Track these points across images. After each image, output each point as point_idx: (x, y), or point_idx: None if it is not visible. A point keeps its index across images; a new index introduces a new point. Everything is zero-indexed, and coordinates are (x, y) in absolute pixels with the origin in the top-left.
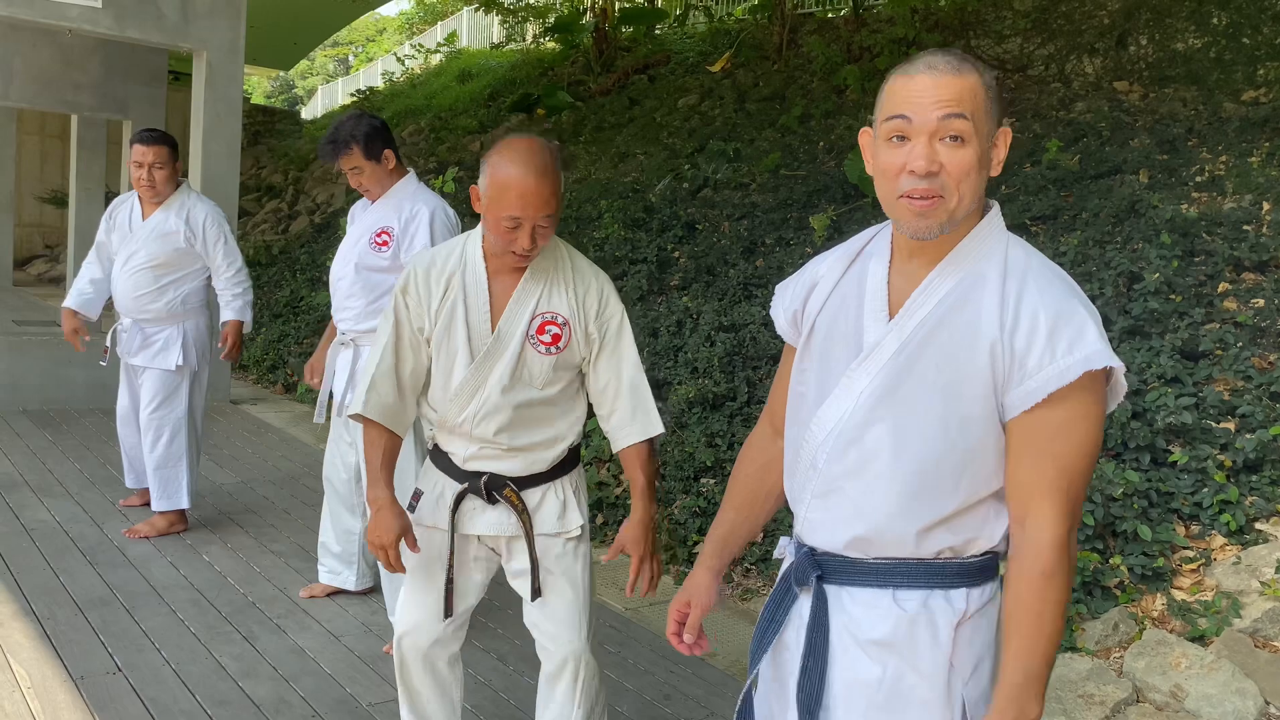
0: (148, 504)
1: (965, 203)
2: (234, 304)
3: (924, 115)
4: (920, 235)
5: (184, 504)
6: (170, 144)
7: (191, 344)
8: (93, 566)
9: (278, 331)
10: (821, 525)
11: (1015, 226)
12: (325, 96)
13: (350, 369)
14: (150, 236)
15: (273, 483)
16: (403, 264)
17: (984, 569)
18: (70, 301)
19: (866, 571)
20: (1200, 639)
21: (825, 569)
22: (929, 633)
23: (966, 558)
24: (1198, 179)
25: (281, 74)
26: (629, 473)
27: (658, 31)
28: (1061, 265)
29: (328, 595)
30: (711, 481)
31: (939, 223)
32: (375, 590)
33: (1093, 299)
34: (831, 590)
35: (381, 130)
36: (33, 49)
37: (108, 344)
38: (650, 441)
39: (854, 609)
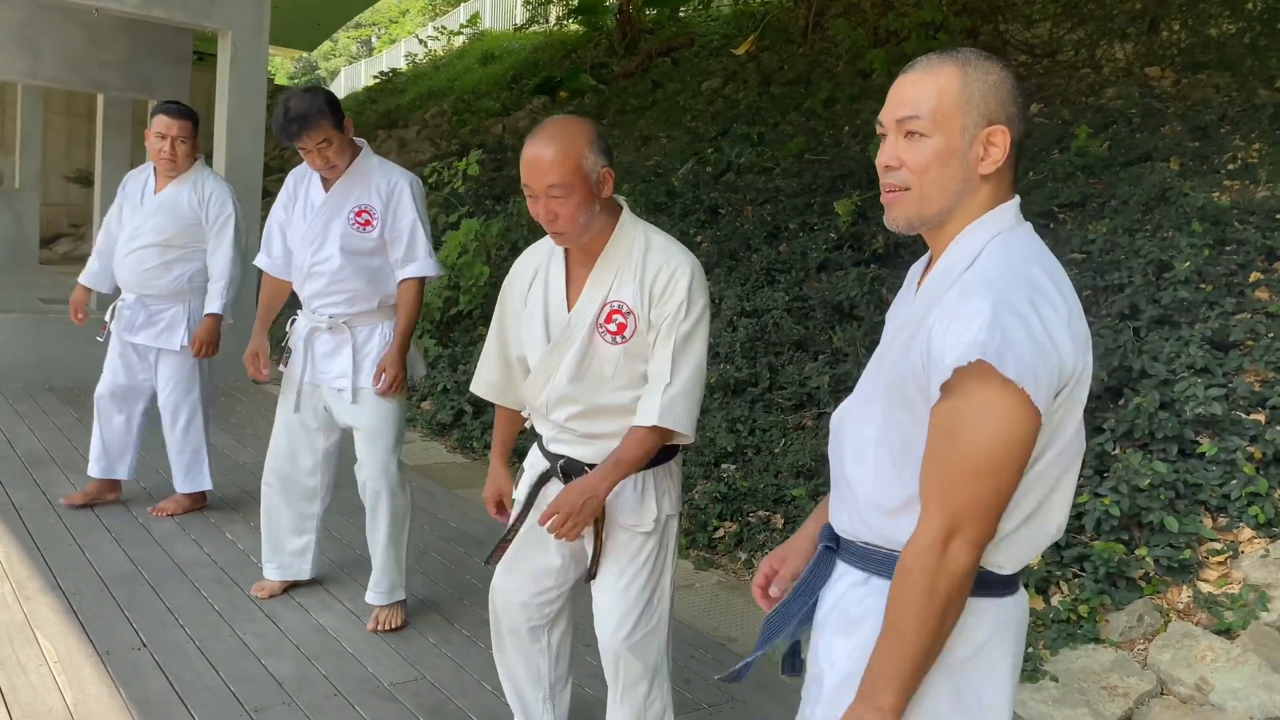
0: (94, 502)
1: (934, 196)
2: (214, 289)
3: (888, 115)
4: (891, 226)
5: (207, 485)
6: (194, 119)
7: (197, 324)
8: (118, 543)
9: None
10: (833, 510)
11: (1042, 214)
12: (348, 78)
13: (351, 353)
14: (160, 210)
15: None
16: (388, 241)
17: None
18: (83, 277)
19: (854, 554)
20: (1227, 632)
21: (839, 544)
22: (873, 625)
23: None
24: (1230, 167)
25: (305, 55)
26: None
27: (682, 14)
28: (1090, 253)
29: (285, 591)
30: (732, 467)
31: (905, 215)
32: None
33: (1121, 288)
34: (839, 564)
35: (336, 99)
36: (60, 28)
37: (107, 319)
38: (653, 431)
39: (841, 586)
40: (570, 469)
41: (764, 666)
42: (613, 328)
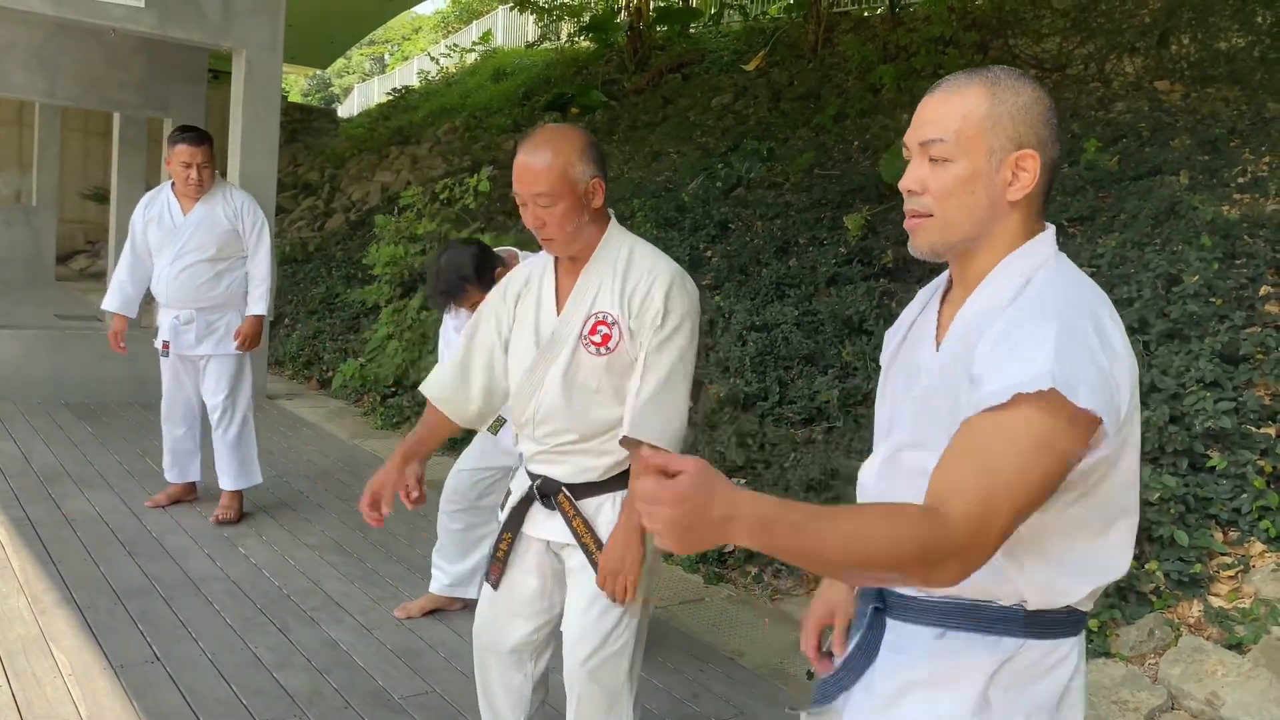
0: (177, 501)
1: (958, 223)
2: (257, 292)
3: (912, 137)
4: (914, 253)
5: (259, 479)
6: (212, 141)
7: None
8: (132, 557)
9: (313, 328)
10: None
11: None
12: (361, 95)
13: None
14: (198, 228)
15: (307, 477)
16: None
17: (1032, 620)
18: (115, 304)
19: (918, 609)
20: (1238, 646)
21: (886, 602)
22: (960, 674)
23: (1005, 604)
24: (1240, 180)
25: (318, 72)
26: None
27: (692, 30)
28: (1099, 267)
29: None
30: (742, 481)
31: (929, 242)
32: (407, 586)
33: (1130, 301)
34: (890, 623)
35: (483, 252)
36: (78, 48)
37: (166, 339)
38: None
39: (913, 648)
40: (546, 489)
41: (772, 680)
42: (597, 339)
